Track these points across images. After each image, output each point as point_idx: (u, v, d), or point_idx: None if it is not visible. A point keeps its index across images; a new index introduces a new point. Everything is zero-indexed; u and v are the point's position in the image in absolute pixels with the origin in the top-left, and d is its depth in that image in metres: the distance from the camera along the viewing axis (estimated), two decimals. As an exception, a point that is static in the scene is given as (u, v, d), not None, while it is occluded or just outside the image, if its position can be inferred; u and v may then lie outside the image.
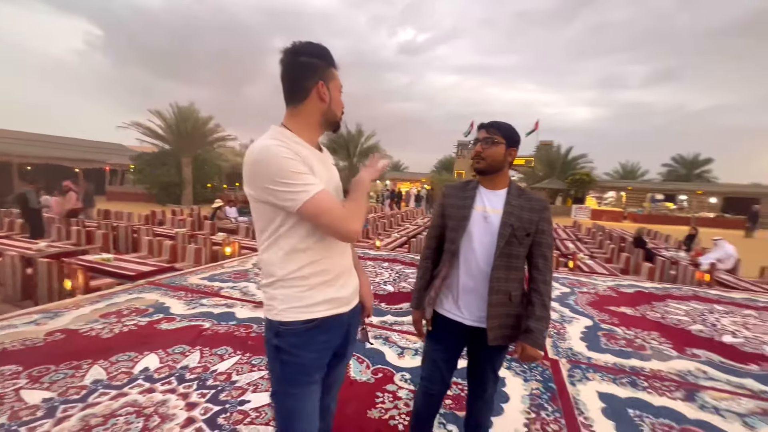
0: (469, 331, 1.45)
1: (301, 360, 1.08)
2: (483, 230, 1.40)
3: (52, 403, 2.00)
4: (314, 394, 1.12)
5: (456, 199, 1.49)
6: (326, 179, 1.11)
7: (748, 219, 17.33)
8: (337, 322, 1.14)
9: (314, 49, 1.09)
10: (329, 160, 1.21)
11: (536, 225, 1.39)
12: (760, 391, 2.51)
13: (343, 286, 1.15)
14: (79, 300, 3.61)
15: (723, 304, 4.54)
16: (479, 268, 1.40)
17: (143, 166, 18.06)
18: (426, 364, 1.57)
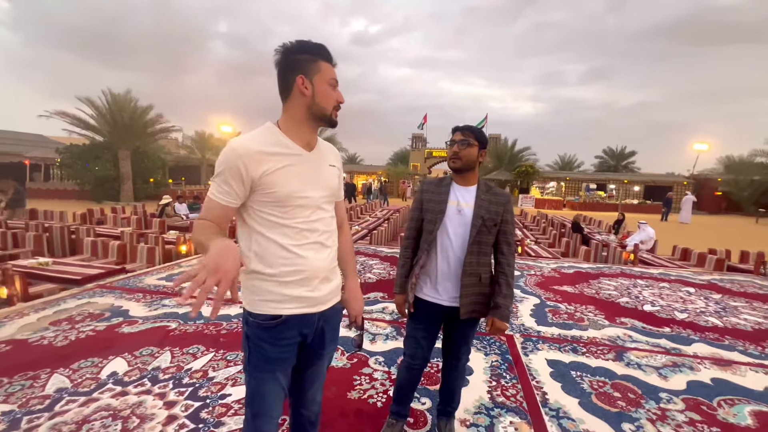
0: (446, 311, 1.63)
1: (265, 352, 1.13)
2: (457, 222, 1.58)
3: (13, 415, 1.89)
4: (275, 383, 1.15)
5: (432, 194, 1.64)
6: (306, 180, 1.12)
7: (663, 205, 19.74)
8: (304, 320, 1.16)
9: (300, 45, 1.11)
10: (324, 160, 1.21)
11: (501, 216, 1.60)
12: (671, 348, 3.03)
13: (316, 288, 1.16)
14: (21, 308, 3.32)
15: (644, 279, 5.27)
16: (455, 255, 1.59)
17: (73, 160, 16.29)
18: (409, 342, 1.73)
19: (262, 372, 1.14)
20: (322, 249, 1.18)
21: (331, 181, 1.22)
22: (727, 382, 2.51)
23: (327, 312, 1.22)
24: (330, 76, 1.13)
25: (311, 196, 1.14)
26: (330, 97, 1.13)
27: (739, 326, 3.58)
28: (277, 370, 1.15)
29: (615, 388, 2.37)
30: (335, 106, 1.15)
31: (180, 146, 31.57)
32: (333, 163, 1.25)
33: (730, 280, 5.39)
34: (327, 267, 1.19)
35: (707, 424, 2.05)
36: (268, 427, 1.16)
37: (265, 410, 1.15)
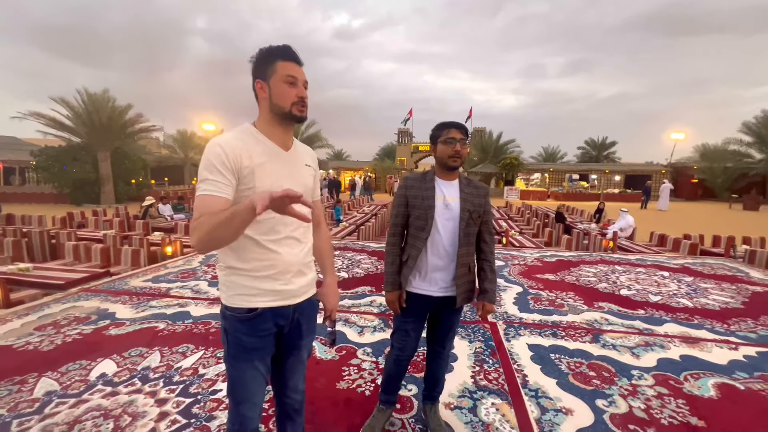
0: (436, 301, 1.69)
1: (242, 343, 1.18)
2: (445, 216, 1.62)
3: (2, 419, 1.90)
4: (255, 370, 1.20)
5: (418, 191, 1.67)
6: (280, 177, 1.17)
7: (643, 193, 20.33)
8: (279, 312, 1.21)
9: (259, 52, 1.17)
10: (300, 160, 1.27)
11: (483, 207, 1.68)
12: (644, 329, 3.19)
13: (289, 281, 1.21)
14: (3, 315, 3.27)
15: (622, 265, 5.48)
16: (445, 248, 1.63)
17: (49, 163, 15.77)
18: (398, 335, 1.77)
19: (240, 362, 1.20)
20: (295, 244, 1.23)
21: (306, 180, 1.28)
22: (694, 358, 2.68)
23: (302, 304, 1.28)
24: (286, 74, 1.14)
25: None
26: (286, 94, 1.14)
27: (708, 306, 3.79)
28: (255, 359, 1.20)
29: (591, 368, 2.50)
30: (294, 102, 1.15)
31: (161, 146, 30.87)
32: (309, 164, 1.31)
33: (702, 264, 5.65)
34: (300, 261, 1.24)
35: (674, 396, 2.20)
36: (251, 413, 1.22)
37: (246, 397, 1.21)
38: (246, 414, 1.21)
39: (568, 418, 1.98)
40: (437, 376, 1.87)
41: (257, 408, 1.24)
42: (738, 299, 4.02)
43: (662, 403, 2.13)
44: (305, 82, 1.19)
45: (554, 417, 1.99)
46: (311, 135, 24.53)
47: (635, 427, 1.92)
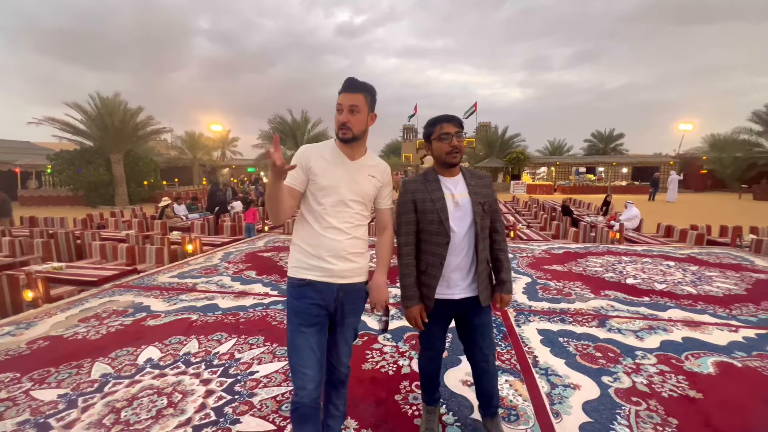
0: (458, 303, 1.62)
1: (293, 306, 1.46)
2: (458, 214, 1.56)
3: (68, 397, 2.14)
4: (303, 336, 1.41)
5: (425, 193, 1.59)
6: (340, 180, 1.46)
7: (651, 185, 20.23)
8: (325, 287, 1.44)
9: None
10: (365, 170, 1.51)
11: (491, 196, 1.64)
12: (649, 314, 3.36)
13: (333, 263, 1.44)
14: (47, 309, 3.54)
15: (628, 255, 5.61)
16: (461, 246, 1.57)
17: (64, 166, 16.22)
18: (425, 338, 1.75)
19: (292, 324, 1.46)
20: (339, 233, 1.47)
21: (365, 187, 1.51)
22: (695, 340, 2.84)
23: (347, 287, 1.49)
24: (337, 104, 1.45)
25: (341, 191, 1.46)
26: (336, 121, 1.46)
27: (712, 293, 3.93)
28: (303, 324, 1.43)
29: (597, 350, 2.68)
30: (339, 126, 1.45)
31: (170, 147, 31.38)
32: (373, 175, 1.54)
33: (708, 253, 5.76)
34: (343, 248, 1.47)
35: (674, 373, 2.37)
36: (300, 382, 1.39)
37: (298, 364, 1.40)
38: (297, 383, 1.40)
39: (576, 392, 2.17)
40: (489, 391, 1.74)
41: (307, 379, 1.38)
42: (741, 286, 4.15)
43: (663, 379, 2.30)
44: (352, 107, 1.43)
45: (563, 391, 2.18)
46: (317, 133, 24.74)
47: (638, 399, 2.10)
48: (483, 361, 1.68)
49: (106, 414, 1.99)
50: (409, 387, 2.23)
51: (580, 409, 2.02)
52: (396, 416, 1.97)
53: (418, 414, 1.98)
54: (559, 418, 1.95)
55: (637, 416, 1.96)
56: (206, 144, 29.84)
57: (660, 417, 1.95)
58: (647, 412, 2.00)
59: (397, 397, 2.13)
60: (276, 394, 2.16)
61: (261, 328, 3.06)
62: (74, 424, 1.92)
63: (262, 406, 2.05)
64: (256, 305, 3.60)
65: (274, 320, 3.23)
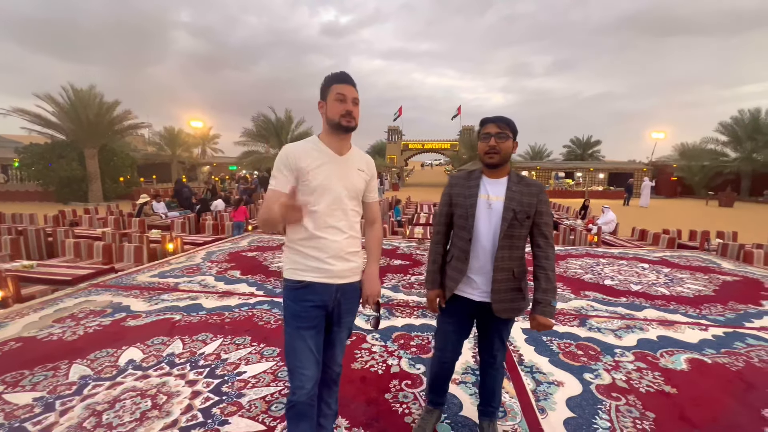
0: (478, 306, 1.61)
1: (292, 310, 1.43)
2: (487, 216, 1.54)
3: (45, 400, 2.05)
4: (302, 339, 1.40)
5: (461, 188, 1.61)
6: (332, 177, 1.42)
7: (625, 190, 21.04)
8: (324, 288, 1.42)
9: (324, 79, 1.47)
10: (353, 165, 1.50)
11: (535, 207, 1.53)
12: (626, 314, 3.50)
13: (331, 263, 1.42)
14: (18, 309, 3.37)
15: (606, 258, 5.83)
16: (485, 249, 1.55)
17: (34, 160, 15.44)
18: (438, 336, 1.75)
19: (291, 327, 1.43)
20: (338, 233, 1.45)
21: (356, 182, 1.50)
22: (669, 338, 2.98)
23: (344, 286, 1.49)
24: (337, 92, 1.41)
25: (335, 189, 1.44)
26: (336, 108, 1.42)
27: (683, 294, 4.13)
28: (301, 327, 1.41)
29: (579, 348, 2.78)
30: (342, 114, 1.41)
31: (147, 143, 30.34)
32: (361, 168, 1.53)
33: (679, 256, 6.05)
34: (342, 248, 1.46)
35: (651, 369, 2.48)
36: (299, 382, 1.39)
37: (295, 366, 1.40)
38: (295, 383, 1.40)
39: (560, 389, 2.24)
40: (491, 387, 1.76)
41: (305, 378, 1.38)
42: (710, 287, 4.38)
43: (641, 375, 2.41)
44: (355, 99, 1.44)
45: (548, 388, 2.25)
46: (301, 133, 24.45)
47: (617, 395, 2.19)
48: (490, 357, 1.72)
49: (86, 417, 1.92)
50: (399, 386, 2.25)
51: (564, 405, 2.10)
52: (387, 415, 1.99)
53: (408, 412, 2.01)
54: (544, 414, 2.01)
55: (617, 411, 2.04)
56: (186, 140, 28.98)
57: (638, 411, 2.04)
58: (626, 406, 2.09)
59: (387, 396, 2.15)
60: (265, 395, 2.13)
61: (247, 329, 3.02)
62: (52, 428, 1.84)
63: (251, 406, 2.03)
64: (241, 305, 3.54)
65: (260, 320, 3.19)
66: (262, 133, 24.13)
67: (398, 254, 5.81)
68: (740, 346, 2.86)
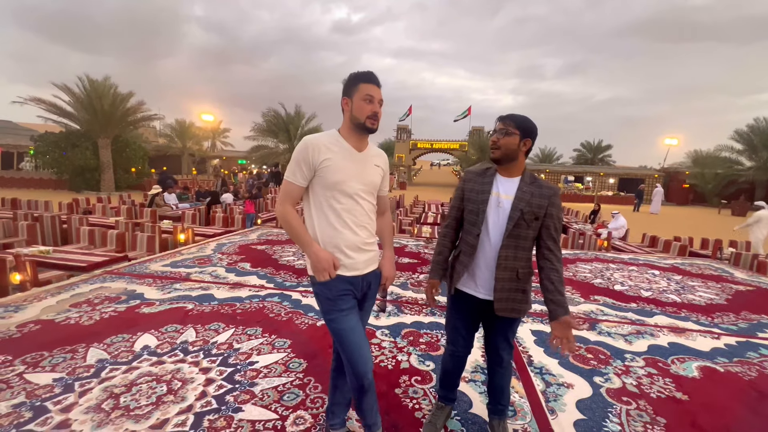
0: (482, 304, 1.62)
1: (328, 298, 1.47)
2: (496, 214, 1.55)
3: (64, 381, 2.11)
4: (349, 317, 1.46)
5: (475, 184, 1.62)
6: (350, 173, 1.45)
7: (636, 196, 20.80)
8: (350, 279, 1.49)
9: (350, 76, 1.48)
10: (371, 161, 1.53)
11: (545, 209, 1.52)
12: (636, 319, 3.48)
13: (353, 257, 1.48)
14: (36, 293, 3.45)
15: (616, 263, 5.78)
16: (491, 247, 1.56)
17: (49, 148, 15.72)
18: (448, 330, 1.78)
19: (332, 314, 1.47)
20: (360, 228, 1.51)
21: (373, 178, 1.54)
22: (680, 345, 2.96)
23: (369, 275, 1.56)
24: (365, 93, 1.42)
25: (353, 185, 1.47)
26: (363, 109, 1.43)
27: (695, 302, 4.09)
28: (343, 308, 1.46)
29: (589, 351, 2.77)
30: (369, 116, 1.43)
31: (158, 135, 30.70)
32: (378, 164, 1.57)
33: (690, 264, 5.98)
34: (361, 242, 1.51)
35: (661, 375, 2.47)
36: (363, 367, 1.45)
37: (354, 348, 1.44)
38: (362, 365, 1.45)
39: (570, 391, 2.24)
40: (500, 385, 1.75)
41: (367, 360, 1.46)
42: (722, 296, 4.33)
43: (651, 381, 2.40)
44: (380, 101, 1.46)
45: (557, 390, 2.25)
46: (311, 129, 24.55)
47: (628, 399, 2.18)
48: (497, 357, 1.73)
49: (104, 399, 1.97)
50: (409, 381, 2.27)
51: (574, 406, 2.10)
52: (396, 408, 2.01)
53: (418, 407, 2.02)
54: (554, 415, 2.02)
55: (627, 415, 2.04)
56: (197, 133, 29.31)
57: (649, 416, 2.04)
58: (637, 411, 2.08)
59: (397, 391, 2.17)
60: (277, 384, 2.17)
61: (258, 320, 3.06)
62: (72, 408, 1.89)
63: (263, 395, 2.06)
64: (252, 297, 3.58)
65: (271, 312, 3.23)
66: (272, 128, 24.28)
67: (406, 252, 5.82)
68: (753, 356, 2.83)
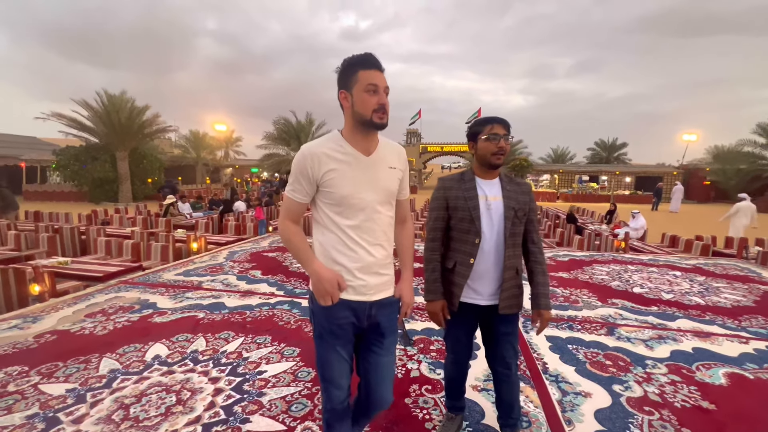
0: (483, 310, 1.59)
1: (324, 327, 1.29)
2: (488, 217, 1.54)
3: (77, 392, 2.13)
4: (336, 353, 1.29)
5: (458, 191, 1.58)
6: (360, 184, 1.24)
7: (654, 195, 20.21)
8: (355, 305, 1.28)
9: (343, 62, 1.23)
10: (383, 163, 1.29)
11: (528, 205, 1.59)
12: (657, 323, 3.33)
13: (365, 279, 1.27)
14: (53, 303, 3.53)
15: (634, 264, 5.59)
16: (490, 251, 1.54)
17: (70, 162, 16.28)
18: (450, 340, 1.74)
19: (324, 342, 1.31)
20: (372, 248, 1.28)
21: (388, 183, 1.30)
22: (705, 350, 2.81)
23: (380, 302, 1.32)
24: (367, 82, 1.17)
25: (365, 198, 1.25)
26: (367, 102, 1.18)
27: (720, 304, 3.90)
28: (336, 344, 1.29)
29: (607, 358, 2.66)
30: (375, 109, 1.18)
31: (173, 145, 31.45)
32: (393, 165, 1.32)
33: (714, 264, 5.73)
34: (378, 263, 1.30)
35: (686, 383, 2.35)
36: (337, 392, 1.32)
37: (332, 377, 1.31)
38: (332, 393, 1.32)
39: (587, 400, 2.15)
40: (509, 401, 1.69)
41: (343, 390, 1.32)
42: (750, 298, 4.12)
43: (675, 389, 2.28)
44: (386, 88, 1.22)
45: (574, 399, 2.16)
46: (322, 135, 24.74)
47: (650, 409, 2.08)
48: (505, 368, 1.65)
49: (115, 410, 1.98)
50: (419, 390, 2.22)
51: (593, 417, 2.01)
52: (406, 419, 1.96)
53: (429, 418, 1.97)
54: (571, 426, 1.93)
55: (650, 426, 1.94)
56: (210, 143, 29.93)
57: (674, 427, 1.93)
58: (660, 422, 1.97)
59: (407, 401, 2.11)
60: (285, 395, 2.14)
61: (268, 328, 3.05)
62: (83, 419, 1.91)
63: (271, 406, 2.04)
64: (262, 305, 3.59)
65: (280, 320, 3.22)
66: (283, 136, 24.61)
67: (418, 257, 5.75)
68: (786, 361, 2.67)
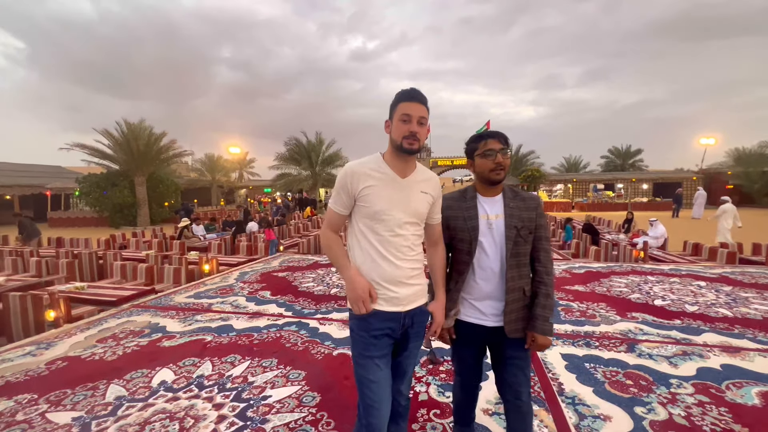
0: (490, 332, 1.53)
1: (362, 340, 1.39)
2: (490, 237, 1.49)
3: (82, 420, 2.13)
4: (376, 368, 1.36)
5: (459, 211, 1.54)
6: (393, 202, 1.37)
7: (673, 201, 19.58)
8: (390, 315, 1.39)
9: (395, 95, 1.41)
10: (417, 187, 1.42)
11: (535, 221, 1.51)
12: (682, 338, 3.15)
13: (396, 290, 1.38)
14: (67, 329, 3.59)
15: (655, 275, 5.36)
16: (493, 271, 1.49)
17: (91, 189, 16.92)
18: (455, 361, 1.70)
19: (363, 358, 1.39)
20: (399, 261, 1.40)
21: (419, 205, 1.42)
22: (735, 367, 2.63)
23: (412, 311, 1.44)
24: (402, 112, 1.35)
25: (395, 216, 1.38)
26: (399, 129, 1.36)
27: (749, 316, 3.68)
28: (375, 356, 1.37)
29: (627, 377, 2.51)
30: (405, 136, 1.34)
31: (190, 169, 32.43)
32: (426, 191, 1.44)
33: (741, 272, 5.45)
34: (405, 275, 1.41)
35: (715, 404, 2.19)
36: (375, 419, 1.33)
37: (373, 400, 1.34)
38: (373, 422, 1.34)
39: (607, 424, 2.02)
40: (521, 431, 1.57)
41: (382, 417, 1.34)
42: (782, 308, 3.88)
43: (703, 411, 2.12)
44: (421, 119, 1.35)
45: (592, 423, 2.03)
46: (331, 155, 25.12)
47: (676, 433, 1.93)
48: (515, 397, 1.54)
49: (118, 439, 1.96)
50: (427, 415, 2.13)
51: (613, 443, 1.88)
52: (413, 447, 1.87)
53: (437, 445, 1.87)
54: (590, 453, 1.81)
55: (676, 453, 1.80)
56: (225, 166, 30.76)
57: (703, 454, 1.79)
58: (688, 448, 1.83)
59: (414, 426, 2.03)
60: (289, 421, 2.09)
61: (275, 350, 3.01)
62: (86, 449, 1.89)
63: (274, 433, 1.98)
64: (270, 326, 3.56)
65: (287, 342, 3.18)
66: (295, 156, 25.04)
67: (427, 273, 5.66)
68: (826, 378, 2.47)
